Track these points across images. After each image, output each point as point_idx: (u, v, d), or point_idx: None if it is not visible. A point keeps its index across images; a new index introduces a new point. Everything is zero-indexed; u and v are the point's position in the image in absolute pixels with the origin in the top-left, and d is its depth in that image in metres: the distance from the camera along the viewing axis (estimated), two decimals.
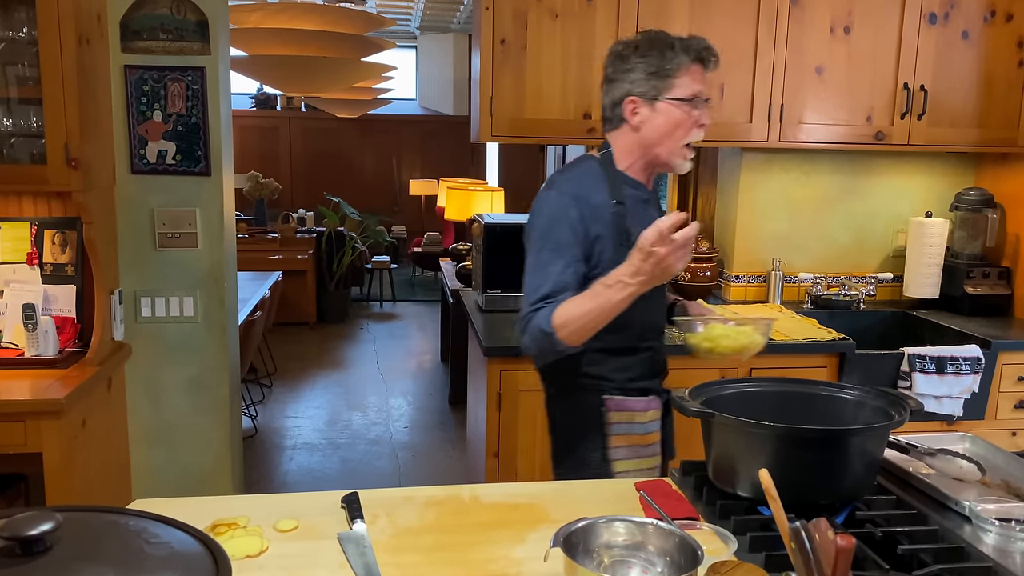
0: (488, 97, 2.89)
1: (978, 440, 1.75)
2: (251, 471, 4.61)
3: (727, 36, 3.03)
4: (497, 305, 3.15)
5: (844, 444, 1.40)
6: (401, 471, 4.68)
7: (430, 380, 6.46)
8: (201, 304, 3.04)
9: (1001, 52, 3.18)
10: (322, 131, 11.87)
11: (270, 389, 6.11)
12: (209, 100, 2.93)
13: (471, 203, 5.85)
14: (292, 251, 7.95)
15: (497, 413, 2.70)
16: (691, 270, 3.43)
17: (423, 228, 10.70)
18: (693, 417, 1.47)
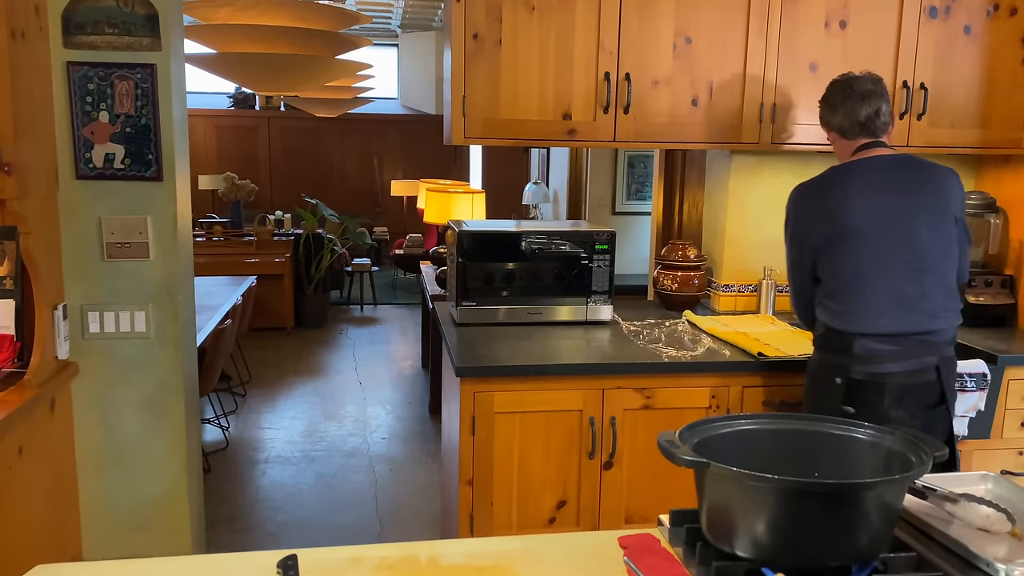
0: (460, 96, 2.69)
1: (1001, 480, 1.57)
2: (222, 486, 4.41)
3: (715, 31, 2.84)
4: (473, 319, 2.95)
5: (860, 499, 1.21)
6: (378, 486, 4.49)
7: (410, 388, 6.26)
8: (154, 319, 2.83)
9: (1005, 48, 3.01)
10: (302, 131, 11.65)
11: (244, 398, 5.91)
12: (160, 99, 2.72)
13: (451, 206, 5.64)
14: (269, 254, 7.76)
15: (471, 438, 2.50)
16: (678, 279, 3.24)
17: (405, 229, 10.50)
18: (685, 467, 1.28)
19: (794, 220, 2.48)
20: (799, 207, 2.47)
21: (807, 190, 2.47)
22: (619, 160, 6.96)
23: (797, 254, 2.48)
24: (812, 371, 2.47)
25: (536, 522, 2.61)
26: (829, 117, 2.48)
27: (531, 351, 2.66)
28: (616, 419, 2.58)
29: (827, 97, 2.49)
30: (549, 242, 2.99)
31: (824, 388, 2.38)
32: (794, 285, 2.54)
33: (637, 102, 2.80)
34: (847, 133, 2.45)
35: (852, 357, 2.36)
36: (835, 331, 2.38)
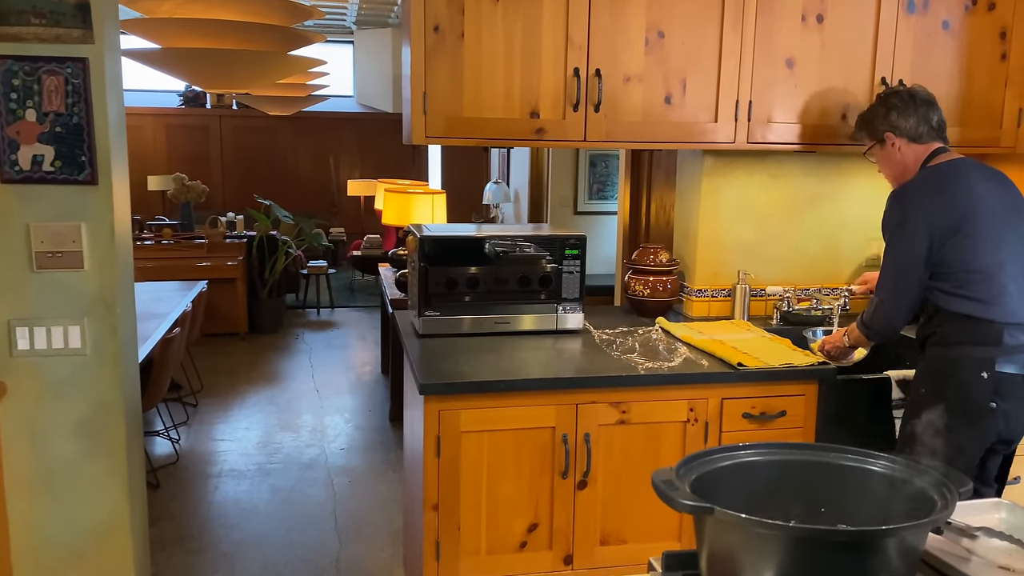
0: (421, 93, 2.52)
1: (1016, 508, 1.44)
2: (171, 503, 4.19)
3: (689, 26, 2.71)
4: (436, 330, 2.78)
5: (882, 546, 1.07)
6: (337, 499, 4.30)
7: (370, 394, 6.07)
8: (90, 333, 2.61)
9: (983, 44, 2.92)
10: (255, 130, 11.34)
11: (195, 408, 5.67)
12: (94, 96, 2.50)
13: (410, 207, 5.46)
14: (221, 257, 7.53)
15: (436, 460, 2.33)
16: (650, 284, 3.10)
17: (363, 230, 10.27)
18: (684, 512, 1.13)
19: (912, 215, 2.36)
20: (915, 203, 2.37)
21: (921, 187, 2.41)
22: (580, 159, 6.84)
23: (918, 247, 2.34)
24: (949, 365, 2.34)
25: (506, 547, 2.45)
26: (900, 122, 2.46)
27: (499, 364, 2.50)
28: (590, 435, 2.43)
29: (894, 104, 2.48)
30: (516, 247, 2.83)
31: (969, 384, 2.29)
32: (899, 288, 2.41)
33: (608, 99, 2.65)
34: (921, 137, 2.46)
35: (1001, 347, 2.29)
36: (979, 320, 2.29)
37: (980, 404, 2.28)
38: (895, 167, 2.52)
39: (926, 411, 2.16)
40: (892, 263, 2.42)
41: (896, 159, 2.50)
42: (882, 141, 2.51)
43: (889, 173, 2.57)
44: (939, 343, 2.36)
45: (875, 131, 2.52)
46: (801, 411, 2.59)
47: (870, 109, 2.56)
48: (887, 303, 2.43)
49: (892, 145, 2.49)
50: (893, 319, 2.45)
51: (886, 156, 2.53)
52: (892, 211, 2.42)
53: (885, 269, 2.44)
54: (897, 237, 2.40)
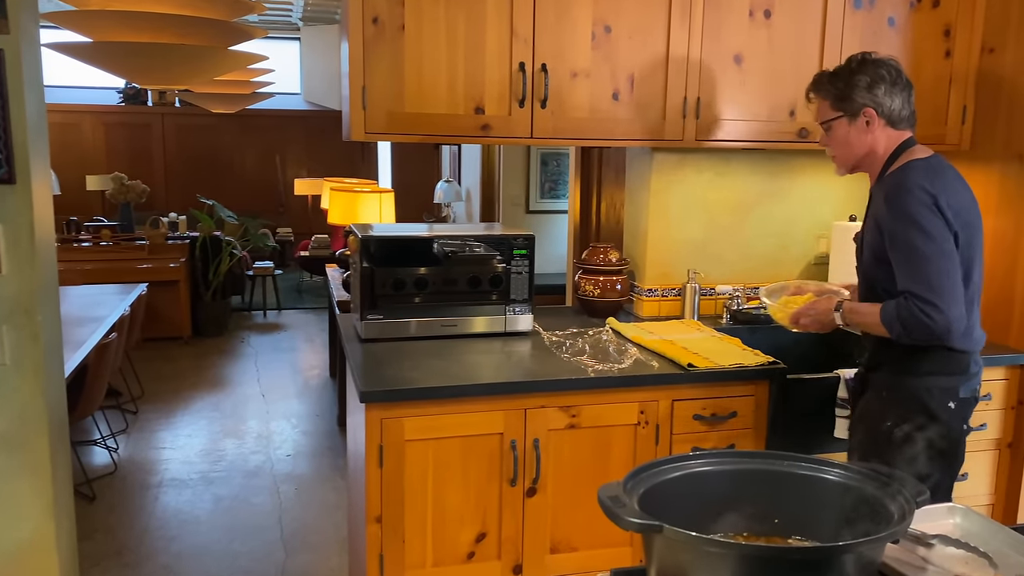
0: (360, 87, 2.42)
1: (970, 513, 1.41)
2: (108, 516, 4.03)
3: (637, 21, 2.65)
4: (380, 334, 2.68)
5: (837, 563, 1.02)
6: (283, 508, 4.18)
7: (317, 399, 5.94)
8: (8, 342, 2.45)
9: (928, 41, 2.92)
10: (198, 128, 11.07)
11: (135, 416, 5.49)
12: (10, 91, 2.35)
13: (357, 206, 5.33)
14: (163, 259, 7.33)
15: (378, 470, 2.24)
16: (600, 284, 3.05)
17: (311, 230, 10.09)
18: (632, 531, 1.06)
19: (927, 194, 2.01)
20: (944, 193, 2.02)
21: (929, 173, 2.06)
22: (532, 158, 6.80)
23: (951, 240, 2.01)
24: (919, 396, 2.12)
25: (453, 558, 2.37)
26: (886, 100, 2.11)
27: (446, 369, 2.41)
28: (540, 441, 2.36)
29: (882, 76, 2.11)
30: (465, 248, 2.75)
31: (941, 416, 2.13)
32: (955, 284, 2.01)
33: (555, 95, 2.59)
34: (900, 123, 2.15)
35: (964, 375, 2.15)
36: (955, 351, 2.10)
37: (956, 434, 2.15)
38: (856, 150, 2.18)
39: (894, 446, 2.09)
40: (935, 258, 1.99)
41: (863, 141, 2.16)
42: (854, 116, 2.15)
43: (845, 155, 2.21)
44: (911, 372, 2.13)
45: (851, 103, 2.14)
46: (752, 411, 2.56)
47: (847, 75, 2.15)
48: (946, 306, 1.98)
49: (867, 124, 2.14)
50: (953, 321, 2.00)
51: (852, 135, 2.16)
52: (901, 202, 2.03)
53: (926, 267, 1.99)
54: (916, 229, 2.00)
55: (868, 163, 2.21)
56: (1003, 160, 2.89)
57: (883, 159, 2.17)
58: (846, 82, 2.14)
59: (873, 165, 2.20)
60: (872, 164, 2.20)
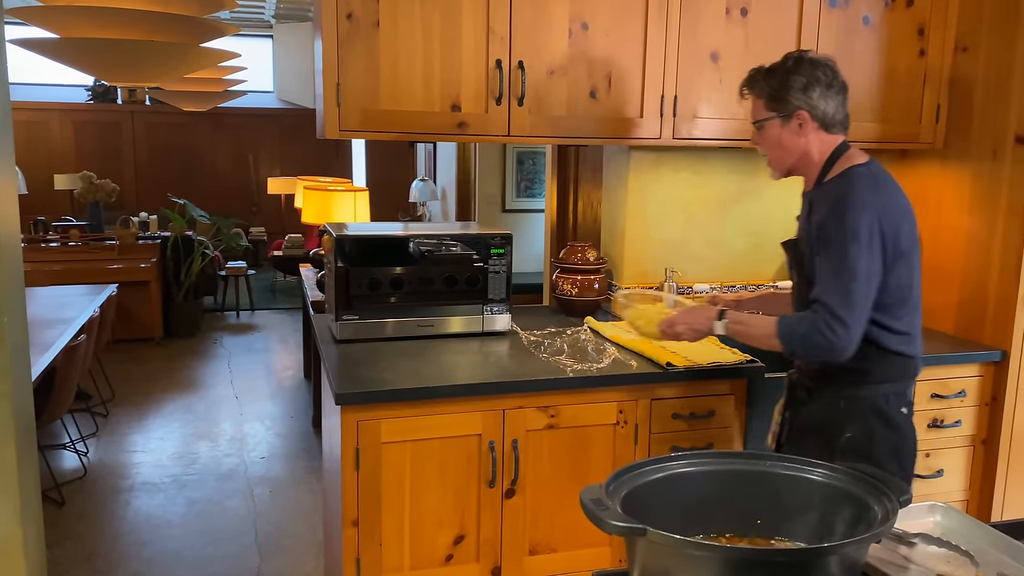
0: (334, 84, 2.38)
1: (950, 511, 1.41)
2: (78, 521, 3.95)
3: (614, 19, 2.64)
4: (355, 334, 2.65)
5: (821, 564, 1.01)
6: (257, 511, 4.12)
7: (291, 400, 5.88)
8: None
9: (902, 40, 2.94)
10: (169, 126, 10.93)
11: (106, 419, 5.40)
12: None
13: (331, 205, 5.29)
14: (133, 259, 7.24)
15: (355, 473, 2.20)
16: (578, 284, 3.03)
17: (284, 230, 9.99)
18: (615, 534, 1.04)
19: (874, 224, 1.95)
20: (873, 210, 1.96)
21: (875, 192, 1.99)
22: (508, 156, 6.78)
23: (878, 261, 1.97)
24: (876, 405, 2.08)
25: (431, 561, 2.34)
26: (820, 102, 2.04)
27: (423, 370, 2.38)
28: (518, 442, 2.34)
29: (818, 77, 2.03)
30: (441, 247, 2.72)
31: (899, 424, 2.11)
32: (865, 306, 1.96)
33: (532, 93, 2.56)
34: (833, 126, 2.08)
35: (911, 380, 2.14)
36: (907, 357, 2.09)
37: (908, 442, 2.14)
38: (790, 152, 2.10)
39: (856, 453, 2.06)
40: (860, 276, 1.94)
41: (797, 144, 2.08)
42: (788, 117, 2.07)
43: (779, 157, 2.13)
44: (865, 381, 2.09)
45: (784, 103, 2.06)
46: (731, 410, 2.55)
47: (782, 74, 2.07)
48: (853, 327, 1.94)
49: (800, 126, 2.07)
50: (853, 344, 1.97)
51: (785, 136, 2.09)
52: (845, 217, 1.96)
53: (850, 283, 1.94)
54: (862, 246, 1.94)
55: (802, 167, 2.14)
56: (976, 159, 2.91)
57: (819, 164, 2.10)
58: (781, 82, 2.06)
59: (808, 169, 2.13)
60: (807, 168, 2.13)
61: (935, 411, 2.81)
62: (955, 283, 3.00)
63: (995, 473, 2.87)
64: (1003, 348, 2.82)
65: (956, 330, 3.00)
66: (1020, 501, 2.93)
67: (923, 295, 3.09)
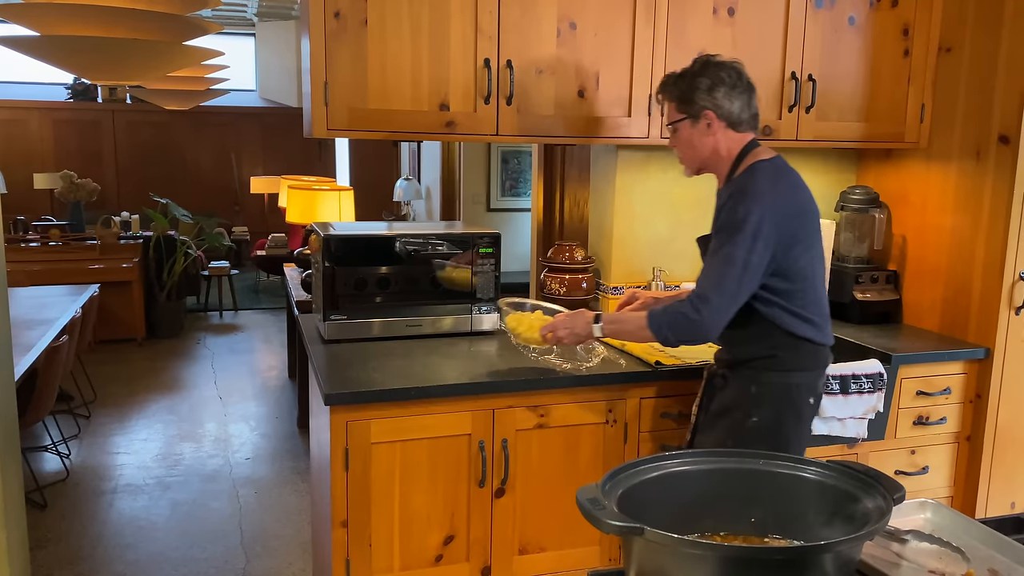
0: (322, 83, 2.37)
1: (940, 508, 1.42)
2: (61, 523, 3.91)
3: (602, 18, 2.64)
4: (343, 334, 2.64)
5: (817, 562, 1.01)
6: (242, 512, 4.09)
7: (276, 400, 5.84)
8: None
9: (887, 40, 2.96)
10: (151, 125, 10.84)
11: (88, 420, 5.34)
12: None
13: (316, 205, 5.26)
14: (115, 259, 7.16)
15: (344, 474, 2.19)
16: (566, 283, 3.04)
17: (267, 229, 9.94)
18: (612, 533, 1.04)
19: (762, 215, 2.03)
20: (765, 202, 2.04)
21: (769, 185, 2.08)
22: (492, 155, 6.78)
23: (764, 252, 2.03)
24: (785, 392, 2.13)
25: (421, 561, 2.33)
26: (724, 102, 2.12)
27: (411, 370, 2.37)
28: (508, 441, 2.34)
29: (722, 79, 2.12)
30: (428, 246, 2.72)
31: (803, 413, 2.16)
32: (740, 294, 2.05)
33: (520, 92, 2.56)
34: (740, 125, 2.16)
35: (822, 370, 2.19)
36: (816, 344, 2.15)
37: (807, 432, 2.21)
38: (700, 151, 2.19)
39: (760, 440, 2.11)
40: (737, 264, 2.02)
41: (706, 143, 2.17)
42: (696, 118, 2.15)
43: (690, 157, 2.23)
44: (777, 368, 2.14)
45: (692, 105, 2.14)
46: None
47: (689, 78, 2.16)
48: (721, 309, 2.03)
49: (708, 126, 2.15)
50: (719, 324, 2.05)
51: (695, 137, 2.17)
52: (737, 207, 2.05)
53: (725, 269, 2.04)
54: (746, 236, 2.02)
55: (713, 165, 2.22)
56: (960, 158, 2.93)
57: (728, 161, 2.18)
58: (688, 85, 2.16)
59: (718, 167, 2.21)
60: (717, 166, 2.21)
61: (920, 408, 2.83)
62: (939, 281, 3.03)
63: (979, 469, 2.90)
64: (987, 346, 2.85)
65: (941, 328, 3.03)
66: (1004, 497, 2.96)
67: (908, 293, 3.15)
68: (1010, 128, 2.74)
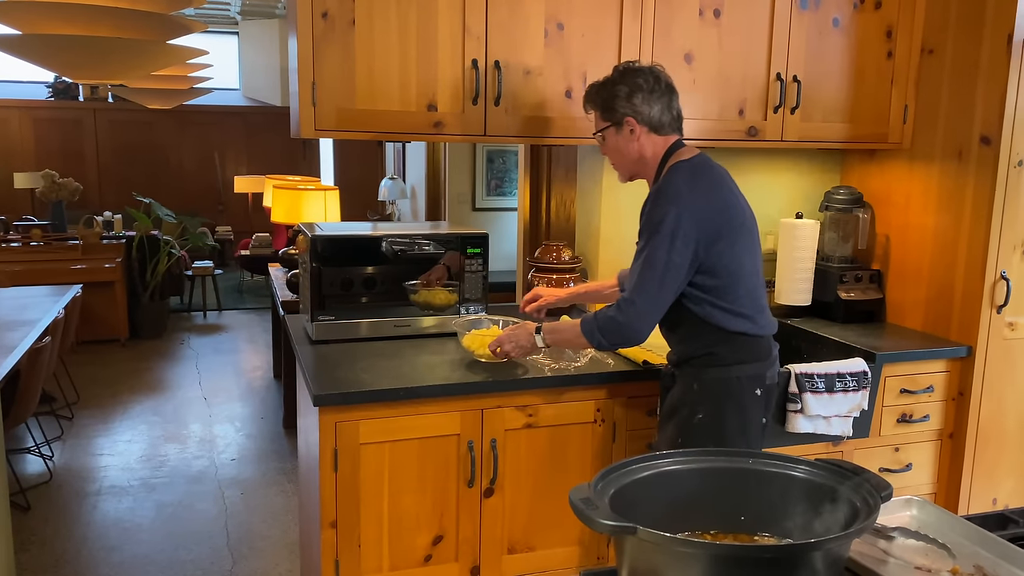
0: (310, 83, 2.36)
1: (926, 505, 1.44)
2: (44, 526, 3.89)
3: (589, 19, 2.65)
4: (331, 335, 2.64)
5: (807, 560, 1.02)
6: (228, 513, 4.08)
7: (261, 401, 5.82)
8: None
9: (871, 41, 2.98)
10: (133, 124, 10.77)
11: (71, 422, 5.31)
12: None
13: (301, 204, 5.25)
14: (98, 259, 7.12)
15: (333, 474, 2.19)
16: (553, 283, 3.04)
17: (251, 229, 9.91)
18: (605, 533, 1.05)
19: (682, 215, 2.07)
20: (685, 202, 2.08)
21: (689, 184, 2.11)
22: (478, 155, 6.77)
23: (686, 251, 2.07)
24: (728, 387, 2.16)
25: (410, 561, 2.34)
26: (644, 108, 2.16)
27: (400, 371, 2.37)
28: (497, 441, 2.35)
29: (640, 85, 2.16)
30: (415, 246, 2.72)
31: (748, 406, 2.18)
32: (663, 294, 2.10)
33: (509, 93, 2.57)
34: (662, 128, 2.19)
35: (768, 361, 2.23)
36: (753, 337, 2.19)
37: (756, 423, 2.21)
38: (628, 157, 2.24)
39: (706, 437, 2.14)
40: (657, 266, 2.07)
41: (632, 149, 2.22)
42: (619, 125, 2.20)
43: (620, 163, 2.28)
44: (717, 364, 2.17)
45: (613, 112, 2.20)
46: None
47: (609, 86, 2.21)
48: (645, 310, 2.09)
49: (631, 132, 2.19)
50: (646, 326, 2.11)
51: (621, 143, 2.22)
52: (657, 208, 2.10)
53: (646, 272, 2.09)
54: (664, 237, 2.07)
55: (641, 169, 2.26)
56: (942, 159, 2.97)
57: (654, 164, 2.23)
58: (608, 93, 2.20)
59: (646, 171, 2.26)
60: (645, 170, 2.26)
61: (904, 406, 2.86)
62: (923, 280, 3.06)
63: (961, 466, 2.93)
64: (969, 344, 2.88)
65: (924, 327, 3.06)
66: (986, 493, 3.00)
67: (891, 292, 3.18)
68: (991, 129, 2.77)
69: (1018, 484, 3.05)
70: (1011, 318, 2.89)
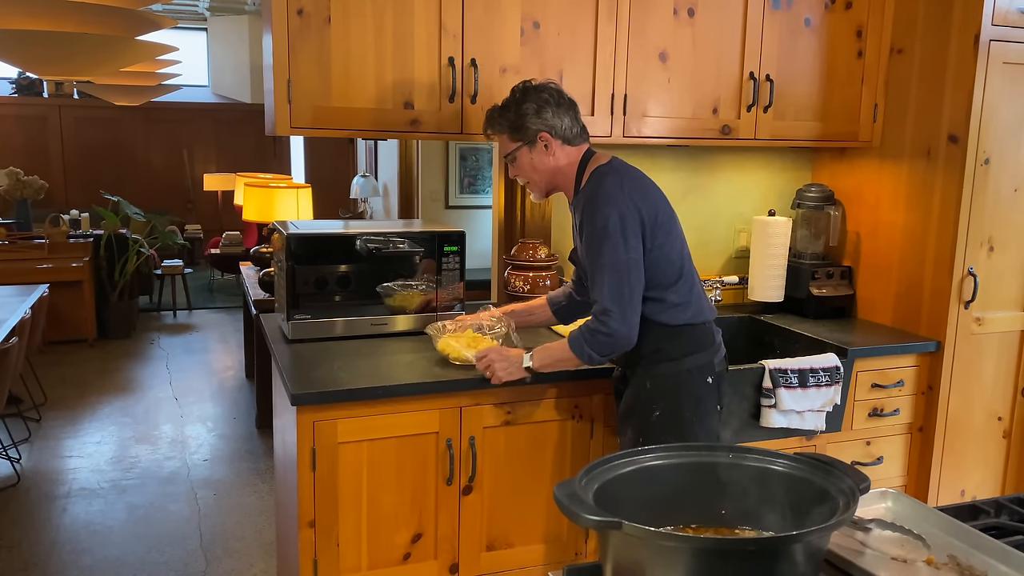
0: (285, 80, 2.35)
1: (901, 497, 1.47)
2: (12, 530, 3.83)
3: (564, 17, 2.66)
4: (307, 334, 2.62)
5: (788, 552, 1.04)
6: (201, 514, 4.04)
7: (233, 401, 5.77)
8: None
9: (842, 41, 3.02)
10: (100, 121, 10.61)
11: (38, 424, 5.22)
12: None
13: (273, 202, 5.21)
14: (64, 258, 7.01)
15: (311, 474, 2.18)
16: (530, 280, 3.05)
17: (221, 227, 9.81)
18: (590, 528, 1.06)
19: (626, 215, 2.10)
20: (624, 202, 2.12)
21: (624, 185, 2.16)
22: (451, 153, 6.76)
23: (638, 249, 2.11)
24: (680, 379, 2.20)
25: (389, 560, 2.33)
26: (555, 121, 2.19)
27: (377, 369, 2.37)
28: (475, 439, 2.35)
29: (546, 100, 2.20)
30: (390, 244, 2.71)
31: (702, 395, 2.22)
32: (633, 295, 2.11)
33: (485, 91, 2.57)
34: (574, 139, 2.24)
35: (714, 347, 2.27)
36: (696, 325, 2.23)
37: (712, 411, 2.25)
38: (544, 173, 2.25)
39: (665, 432, 2.16)
40: (620, 267, 2.09)
41: (547, 163, 2.23)
42: (532, 143, 2.21)
43: (536, 180, 2.28)
44: (667, 359, 2.20)
45: (524, 131, 2.20)
46: None
47: (514, 107, 2.21)
48: (624, 314, 2.10)
49: (545, 147, 2.21)
50: (631, 329, 2.12)
51: (536, 160, 2.23)
52: (598, 214, 2.11)
53: (611, 277, 2.10)
54: (615, 239, 2.09)
55: (559, 183, 2.28)
56: (911, 157, 3.02)
57: (571, 175, 2.26)
58: (516, 113, 2.21)
59: (565, 183, 2.28)
60: (564, 182, 2.28)
61: (875, 400, 2.91)
62: (892, 277, 3.11)
63: (931, 459, 2.99)
64: (938, 339, 2.94)
65: (894, 322, 3.11)
66: (954, 484, 3.06)
67: (862, 288, 3.23)
68: (959, 128, 2.82)
69: (985, 476, 3.12)
70: (978, 313, 2.95)
